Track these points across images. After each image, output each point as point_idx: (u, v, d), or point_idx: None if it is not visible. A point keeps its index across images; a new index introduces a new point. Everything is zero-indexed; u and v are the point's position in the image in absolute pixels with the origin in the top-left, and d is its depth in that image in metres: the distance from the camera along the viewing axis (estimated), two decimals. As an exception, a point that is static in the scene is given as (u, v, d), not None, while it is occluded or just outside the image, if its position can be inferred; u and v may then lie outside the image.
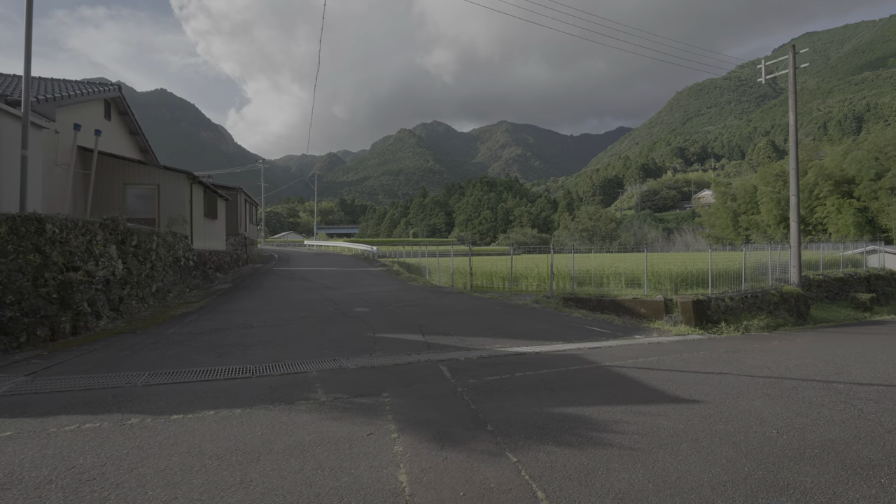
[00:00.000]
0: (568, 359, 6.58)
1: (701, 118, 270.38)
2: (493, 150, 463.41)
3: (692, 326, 10.74)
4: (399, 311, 9.82)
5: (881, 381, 5.90)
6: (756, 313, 12.25)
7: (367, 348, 6.64)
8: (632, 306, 11.71)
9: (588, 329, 9.58)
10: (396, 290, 13.41)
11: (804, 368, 6.48)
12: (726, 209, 48.22)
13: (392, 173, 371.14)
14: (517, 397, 4.55)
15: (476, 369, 5.66)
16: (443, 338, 7.64)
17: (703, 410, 4.37)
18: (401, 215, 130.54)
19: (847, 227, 36.39)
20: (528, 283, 14.75)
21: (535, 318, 10.23)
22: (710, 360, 6.90)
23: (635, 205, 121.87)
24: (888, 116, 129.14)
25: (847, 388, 5.44)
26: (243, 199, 24.02)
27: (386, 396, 4.45)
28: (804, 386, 5.47)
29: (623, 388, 5.03)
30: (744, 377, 5.82)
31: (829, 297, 18.18)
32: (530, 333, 8.55)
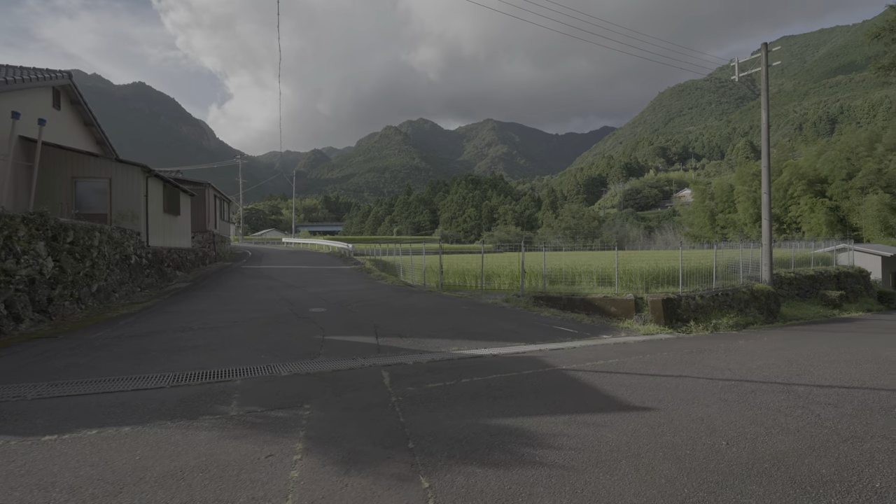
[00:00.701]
0: (525, 362, 6.23)
1: (682, 118, 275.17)
2: (479, 148, 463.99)
3: (661, 325, 10.55)
4: (358, 311, 9.36)
5: (842, 382, 5.70)
6: (726, 311, 12.15)
7: (310, 352, 6.18)
8: (602, 305, 11.47)
9: (555, 329, 9.27)
10: (362, 288, 12.93)
11: (766, 370, 6.26)
12: (704, 208, 48.87)
13: (378, 171, 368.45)
14: (455, 407, 4.16)
15: (421, 375, 5.26)
16: (397, 340, 7.22)
17: (653, 419, 4.05)
18: (385, 213, 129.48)
19: (820, 226, 37.14)
20: (501, 282, 14.43)
21: (501, 318, 9.88)
22: (672, 361, 6.64)
23: (618, 203, 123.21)
24: (860, 119, 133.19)
25: (807, 391, 5.21)
26: (212, 194, 23.15)
27: (307, 409, 4.01)
28: (763, 389, 5.21)
29: (573, 395, 4.68)
30: (703, 380, 5.55)
31: (799, 295, 18.33)
32: (493, 334, 8.20)
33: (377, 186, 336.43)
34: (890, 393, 5.29)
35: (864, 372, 6.37)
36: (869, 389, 5.42)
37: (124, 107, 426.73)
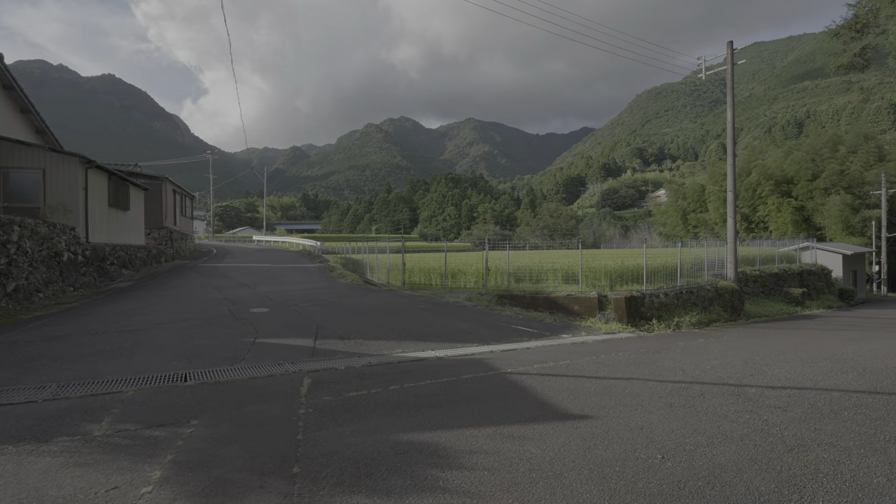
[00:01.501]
0: (470, 365, 5.81)
1: (659, 120, 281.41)
2: (460, 147, 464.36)
3: (624, 324, 10.32)
4: (305, 311, 8.78)
5: (795, 383, 5.47)
6: (690, 309, 12.04)
7: (232, 357, 5.60)
8: (565, 303, 11.18)
9: (513, 328, 8.91)
10: (318, 287, 12.32)
11: (720, 370, 6.00)
12: (677, 207, 49.71)
13: (358, 168, 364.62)
14: (369, 420, 3.69)
15: (348, 382, 4.76)
16: (338, 342, 6.70)
17: (589, 430, 3.67)
18: (364, 211, 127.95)
19: (786, 225, 38.12)
20: (467, 280, 14.03)
21: (459, 318, 9.46)
22: (625, 362, 6.32)
23: (596, 203, 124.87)
24: (825, 122, 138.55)
25: (758, 394, 4.94)
26: (170, 189, 22.02)
27: (193, 425, 3.47)
28: (713, 392, 4.91)
29: (509, 403, 4.27)
30: (653, 383, 5.23)
31: (764, 292, 18.55)
32: (446, 335, 7.76)
33: (358, 184, 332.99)
34: (841, 394, 5.07)
35: (819, 371, 6.19)
36: (821, 390, 5.20)
37: (93, 100, 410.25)
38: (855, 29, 11.26)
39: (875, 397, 4.99)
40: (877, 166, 36.41)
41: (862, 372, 6.26)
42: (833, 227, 35.81)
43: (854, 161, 37.89)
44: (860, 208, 35.18)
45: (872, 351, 8.06)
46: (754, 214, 41.89)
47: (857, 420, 4.17)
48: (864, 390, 5.28)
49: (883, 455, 3.42)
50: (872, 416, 4.34)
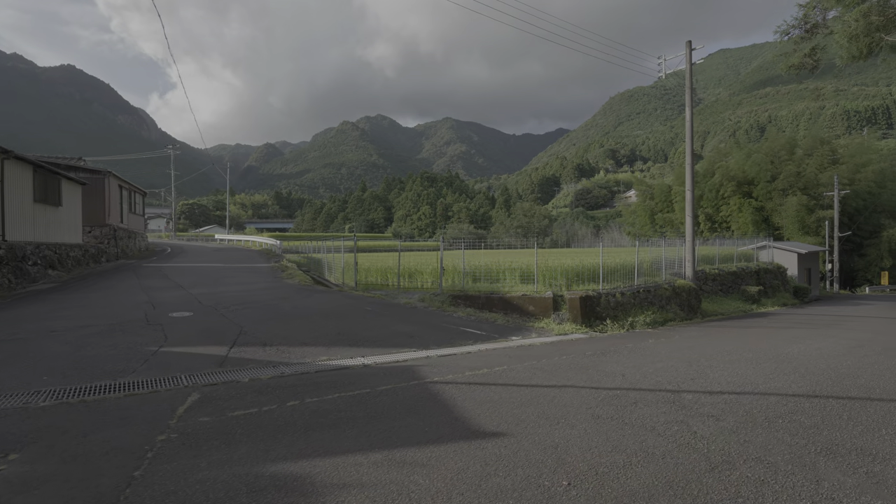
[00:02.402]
0: (395, 373, 5.32)
1: (631, 123, 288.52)
2: (437, 146, 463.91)
3: (578, 324, 10.05)
4: (234, 314, 8.10)
5: (735, 387, 5.22)
6: (647, 308, 11.92)
7: (121, 371, 4.93)
8: (520, 304, 10.85)
9: (461, 331, 8.47)
10: (261, 288, 11.59)
11: (662, 374, 5.71)
12: (645, 207, 50.67)
13: (334, 166, 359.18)
14: (239, 447, 3.14)
15: (241, 398, 4.19)
16: (258, 350, 6.09)
17: (496, 451, 3.23)
18: (338, 210, 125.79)
19: (747, 225, 39.29)
20: (424, 280, 13.55)
21: (405, 320, 8.96)
22: (565, 367, 5.96)
23: (570, 203, 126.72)
24: (785, 127, 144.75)
25: (695, 400, 4.64)
26: (115, 184, 20.65)
27: (10, 461, 2.85)
28: (648, 400, 4.58)
29: (417, 419, 3.80)
30: (587, 390, 4.87)
31: (722, 291, 18.82)
32: (384, 339, 7.25)
33: (333, 183, 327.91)
34: (779, 399, 4.83)
35: (761, 373, 5.99)
36: (759, 395, 4.95)
37: (51, 91, 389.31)
38: (804, 29, 11.31)
39: (813, 402, 4.77)
40: (830, 169, 37.96)
41: (804, 373, 6.11)
42: (790, 227, 37.11)
43: (810, 163, 39.40)
44: (815, 209, 36.59)
45: (818, 350, 8.02)
46: (717, 214, 43.05)
47: (791, 429, 3.90)
48: (804, 394, 5.07)
49: (811, 472, 3.12)
50: (807, 423, 4.08)
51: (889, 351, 8.31)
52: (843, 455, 3.44)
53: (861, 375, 6.13)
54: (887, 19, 8.79)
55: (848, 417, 4.33)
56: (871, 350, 8.28)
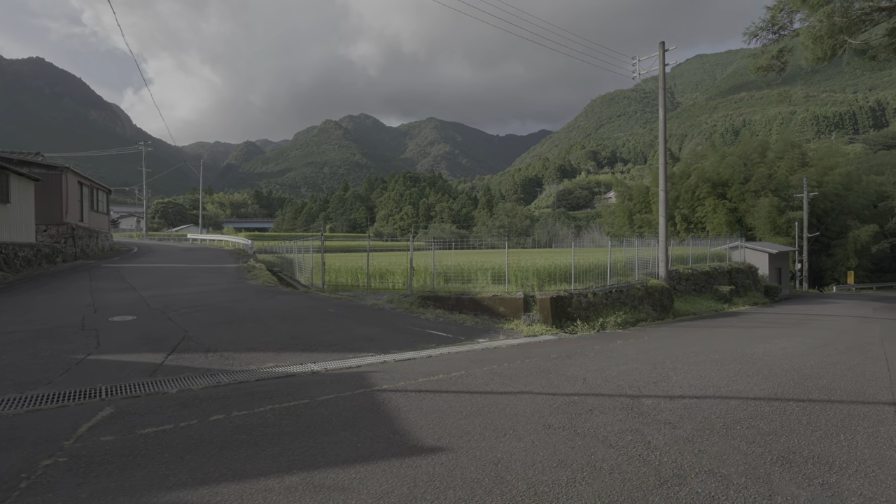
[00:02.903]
0: (344, 381, 4.99)
1: (612, 125, 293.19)
2: (421, 146, 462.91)
3: (549, 325, 9.87)
4: (182, 318, 7.62)
5: (696, 390, 5.06)
6: (619, 308, 11.84)
7: (33, 382, 4.47)
8: (491, 304, 10.62)
9: (427, 333, 8.18)
10: (220, 290, 11.07)
11: (624, 377, 5.52)
12: (624, 208, 51.33)
13: (316, 165, 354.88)
14: (136, 472, 2.77)
15: (160, 412, 3.80)
16: (198, 357, 5.67)
17: (428, 469, 2.94)
18: (320, 209, 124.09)
19: (721, 226, 40.11)
20: (395, 280, 13.21)
21: (369, 322, 8.62)
22: (527, 371, 5.72)
23: (552, 203, 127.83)
24: (759, 131, 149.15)
25: (654, 406, 4.45)
26: (74, 181, 19.65)
27: None
28: (605, 407, 4.37)
29: (351, 433, 3.48)
30: (543, 397, 4.63)
31: (696, 290, 19.01)
32: (342, 343, 6.90)
33: (315, 182, 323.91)
34: (740, 402, 4.68)
35: (725, 374, 5.87)
36: (721, 398, 4.80)
37: (18, 84, 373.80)
38: (772, 31, 11.39)
39: (773, 405, 4.64)
40: (800, 171, 39.07)
41: (768, 374, 6.01)
42: (762, 228, 38.03)
43: (781, 166, 40.49)
44: (785, 210, 37.58)
45: (783, 350, 8.00)
46: (693, 215, 43.85)
47: (748, 436, 3.73)
48: (765, 396, 4.95)
49: (765, 485, 2.93)
50: (765, 429, 3.92)
51: (851, 350, 8.37)
52: (800, 464, 3.27)
53: (823, 376, 6.08)
54: (850, 21, 8.86)
55: (807, 422, 4.20)
56: (834, 349, 8.32)
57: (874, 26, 10.90)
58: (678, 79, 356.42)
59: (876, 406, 4.82)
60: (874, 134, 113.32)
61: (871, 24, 10.86)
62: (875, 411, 4.62)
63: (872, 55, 11.70)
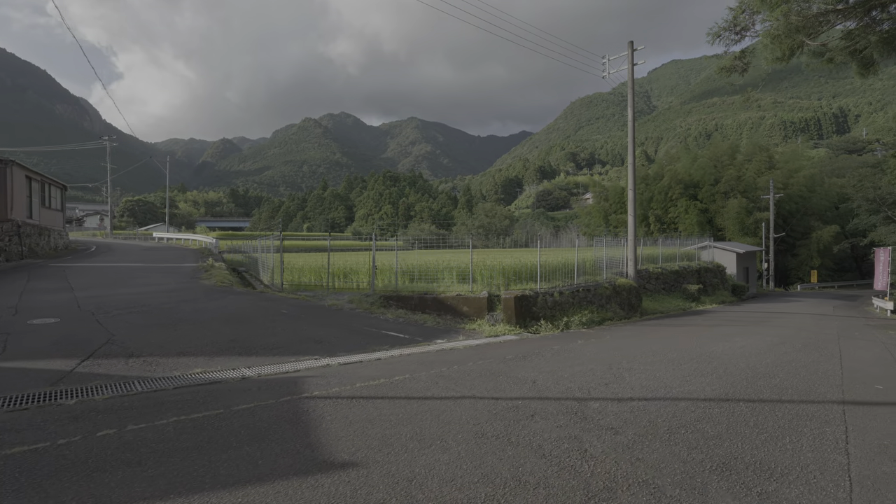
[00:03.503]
0: (273, 387, 4.60)
1: (591, 127, 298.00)
2: (402, 145, 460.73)
3: (513, 325, 9.65)
4: (111, 320, 7.06)
5: (647, 392, 4.87)
6: (586, 307, 11.73)
7: (-90, 393, 3.93)
8: (454, 304, 10.33)
9: (383, 334, 7.83)
10: (165, 290, 10.44)
11: (576, 379, 5.30)
12: (600, 209, 51.98)
13: (295, 164, 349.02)
14: (-21, 501, 2.35)
15: (43, 428, 3.35)
16: (119, 362, 5.19)
17: (334, 488, 2.61)
18: (297, 208, 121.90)
19: (692, 226, 40.95)
20: (360, 280, 12.80)
21: (323, 324, 8.21)
22: (475, 374, 5.44)
23: (532, 204, 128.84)
24: (730, 135, 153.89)
25: (600, 409, 4.22)
26: (21, 175, 18.47)
27: None
28: (549, 411, 4.11)
29: (256, 449, 3.11)
30: (485, 402, 4.35)
31: (665, 289, 19.18)
32: (286, 346, 6.49)
33: (294, 181, 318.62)
34: (689, 404, 4.51)
35: (679, 374, 5.73)
36: (671, 400, 4.62)
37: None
38: (734, 31, 11.44)
39: (723, 406, 4.48)
40: (767, 173, 40.23)
41: (723, 374, 5.90)
42: (731, 228, 38.99)
43: (749, 168, 41.62)
44: (753, 211, 38.62)
45: (741, 348, 7.98)
46: (666, 216, 44.68)
47: (691, 442, 3.53)
48: (716, 397, 4.79)
49: (700, 497, 2.71)
50: (710, 433, 3.74)
51: (808, 347, 8.42)
52: (740, 472, 3.07)
53: (777, 374, 6.01)
54: (806, 21, 8.93)
55: (754, 424, 4.04)
56: (791, 347, 8.35)
57: (830, 28, 11.05)
58: (654, 83, 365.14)
59: (825, 406, 4.73)
60: (837, 139, 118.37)
61: (828, 26, 11.01)
62: (823, 411, 4.52)
63: (830, 58, 11.89)
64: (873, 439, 3.83)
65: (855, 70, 12.10)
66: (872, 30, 11.03)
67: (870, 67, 11.95)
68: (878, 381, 5.96)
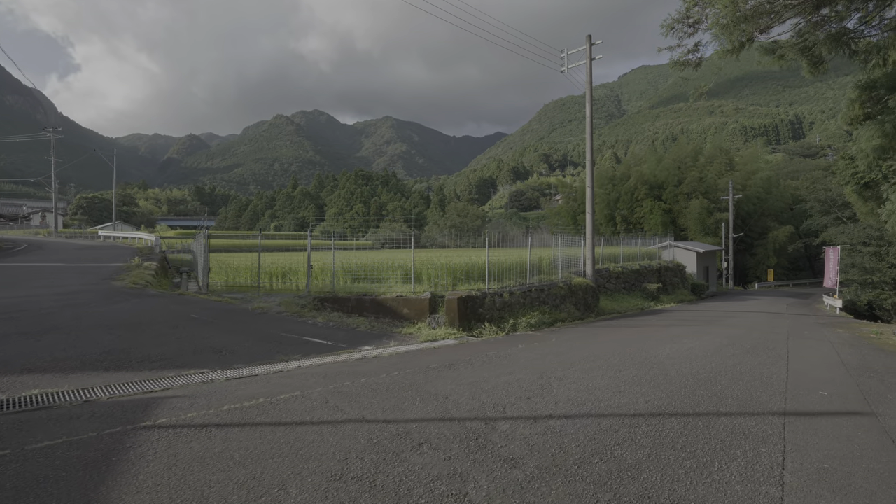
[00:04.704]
0: (116, 412, 3.73)
1: (563, 129, 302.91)
2: (377, 144, 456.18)
3: (455, 328, 8.97)
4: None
5: (571, 406, 4.25)
6: (538, 308, 11.18)
7: None
8: (394, 306, 9.57)
9: (302, 342, 6.99)
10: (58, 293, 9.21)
11: (497, 392, 4.64)
12: (568, 209, 52.32)
13: (266, 162, 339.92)
14: None
15: None
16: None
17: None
18: (266, 207, 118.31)
19: (657, 226, 41.60)
20: (299, 280, 11.85)
21: (235, 330, 7.29)
22: (381, 389, 4.70)
23: (505, 204, 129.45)
24: (695, 139, 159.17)
25: (508, 432, 3.56)
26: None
27: None
28: (444, 438, 3.41)
29: None
30: (373, 426, 3.61)
31: (625, 288, 19.00)
32: (174, 358, 5.58)
33: (265, 179, 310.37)
34: (615, 421, 3.90)
35: (615, 383, 5.16)
36: (595, 417, 4.00)
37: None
38: (687, 24, 11.12)
39: (652, 423, 3.89)
40: (727, 175, 41.29)
41: (662, 381, 5.38)
42: (693, 228, 39.79)
43: (710, 170, 42.62)
44: (714, 211, 39.53)
45: (689, 350, 7.55)
46: (632, 216, 45.28)
47: (600, 476, 2.89)
48: (647, 412, 4.22)
49: (588, 564, 2.05)
50: (628, 461, 3.12)
51: (756, 349, 8.10)
52: (649, 519, 2.45)
53: (719, 381, 5.54)
54: (754, 8, 8.63)
55: (682, 446, 3.46)
56: (739, 348, 8.01)
57: (780, 23, 10.87)
58: (624, 87, 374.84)
59: (765, 418, 4.23)
60: (793, 144, 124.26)
61: (778, 21, 10.82)
62: (762, 426, 4.01)
63: (781, 55, 11.76)
64: (812, 462, 3.31)
65: (805, 69, 12.07)
66: (821, 27, 10.97)
67: (819, 66, 11.92)
68: (823, 386, 5.58)
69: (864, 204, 23.21)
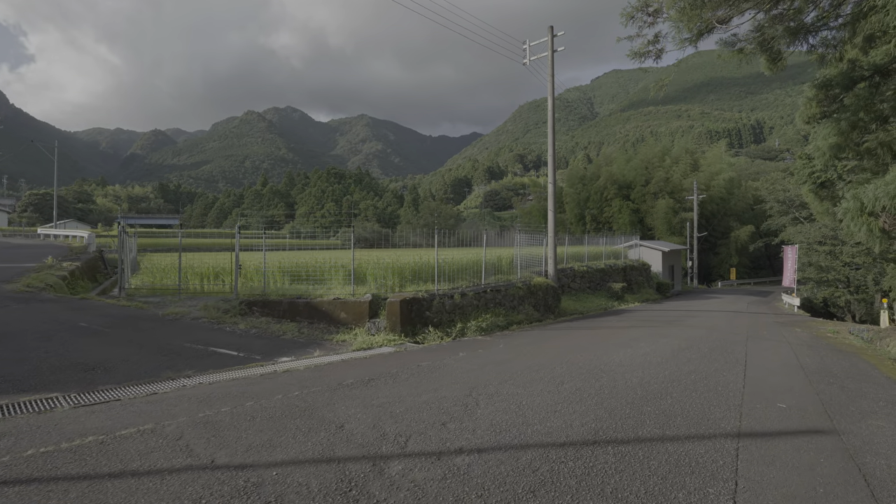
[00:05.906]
0: None
1: (538, 130, 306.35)
2: (352, 143, 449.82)
3: (396, 333, 8.13)
4: None
5: (490, 436, 3.49)
6: (492, 310, 10.48)
7: None
8: (330, 310, 8.65)
9: (208, 353, 6.01)
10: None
11: (405, 418, 3.84)
12: (540, 208, 52.24)
13: (236, 159, 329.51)
14: None
15: None
16: None
17: None
18: (234, 205, 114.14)
19: (625, 225, 41.94)
20: (232, 282, 10.77)
21: (128, 341, 6.24)
22: (265, 415, 3.84)
23: (480, 204, 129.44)
24: (663, 141, 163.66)
25: (398, 477, 2.77)
26: None
27: None
28: (308, 491, 2.59)
29: None
30: (216, 474, 2.75)
31: (590, 288, 18.63)
32: (27, 379, 4.57)
33: (235, 177, 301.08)
34: (538, 454, 3.16)
35: (553, 399, 4.45)
36: (515, 449, 3.26)
37: None
38: (647, 13, 10.64)
39: (582, 455, 3.18)
40: (692, 175, 42.04)
41: (607, 395, 4.71)
42: (660, 227, 40.29)
43: (676, 170, 43.31)
44: (679, 211, 40.13)
45: (643, 356, 6.98)
46: (602, 215, 45.55)
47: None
48: (580, 440, 3.51)
49: None
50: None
51: (714, 352, 7.63)
52: None
53: (671, 393, 4.92)
54: (715, -4, 8.18)
55: (613, 490, 2.76)
56: (696, 352, 7.51)
57: (740, 14, 10.54)
58: (597, 91, 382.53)
59: (717, 442, 3.60)
60: (754, 148, 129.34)
61: (738, 11, 10.49)
62: (712, 453, 3.37)
63: (741, 48, 11.45)
64: (767, 500, 2.67)
65: (764, 65, 11.84)
66: (780, 21, 10.72)
67: (777, 62, 11.71)
68: (782, 396, 5.04)
69: (820, 204, 23.70)
